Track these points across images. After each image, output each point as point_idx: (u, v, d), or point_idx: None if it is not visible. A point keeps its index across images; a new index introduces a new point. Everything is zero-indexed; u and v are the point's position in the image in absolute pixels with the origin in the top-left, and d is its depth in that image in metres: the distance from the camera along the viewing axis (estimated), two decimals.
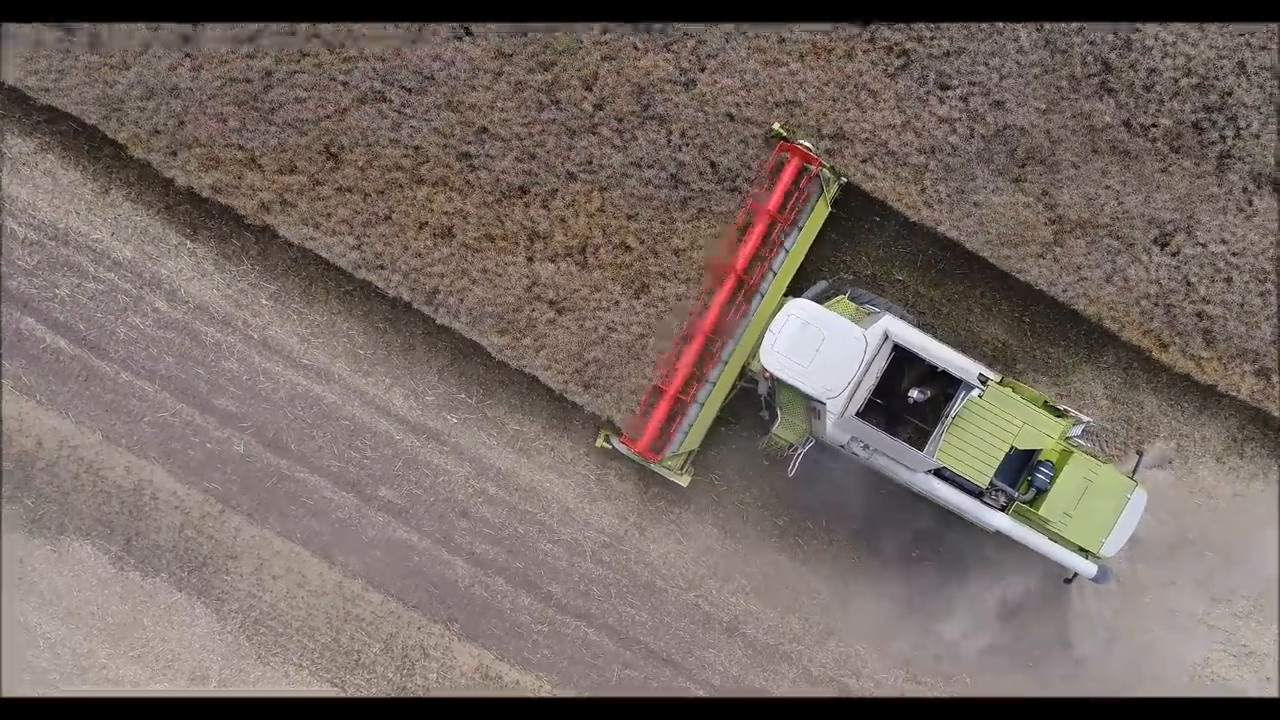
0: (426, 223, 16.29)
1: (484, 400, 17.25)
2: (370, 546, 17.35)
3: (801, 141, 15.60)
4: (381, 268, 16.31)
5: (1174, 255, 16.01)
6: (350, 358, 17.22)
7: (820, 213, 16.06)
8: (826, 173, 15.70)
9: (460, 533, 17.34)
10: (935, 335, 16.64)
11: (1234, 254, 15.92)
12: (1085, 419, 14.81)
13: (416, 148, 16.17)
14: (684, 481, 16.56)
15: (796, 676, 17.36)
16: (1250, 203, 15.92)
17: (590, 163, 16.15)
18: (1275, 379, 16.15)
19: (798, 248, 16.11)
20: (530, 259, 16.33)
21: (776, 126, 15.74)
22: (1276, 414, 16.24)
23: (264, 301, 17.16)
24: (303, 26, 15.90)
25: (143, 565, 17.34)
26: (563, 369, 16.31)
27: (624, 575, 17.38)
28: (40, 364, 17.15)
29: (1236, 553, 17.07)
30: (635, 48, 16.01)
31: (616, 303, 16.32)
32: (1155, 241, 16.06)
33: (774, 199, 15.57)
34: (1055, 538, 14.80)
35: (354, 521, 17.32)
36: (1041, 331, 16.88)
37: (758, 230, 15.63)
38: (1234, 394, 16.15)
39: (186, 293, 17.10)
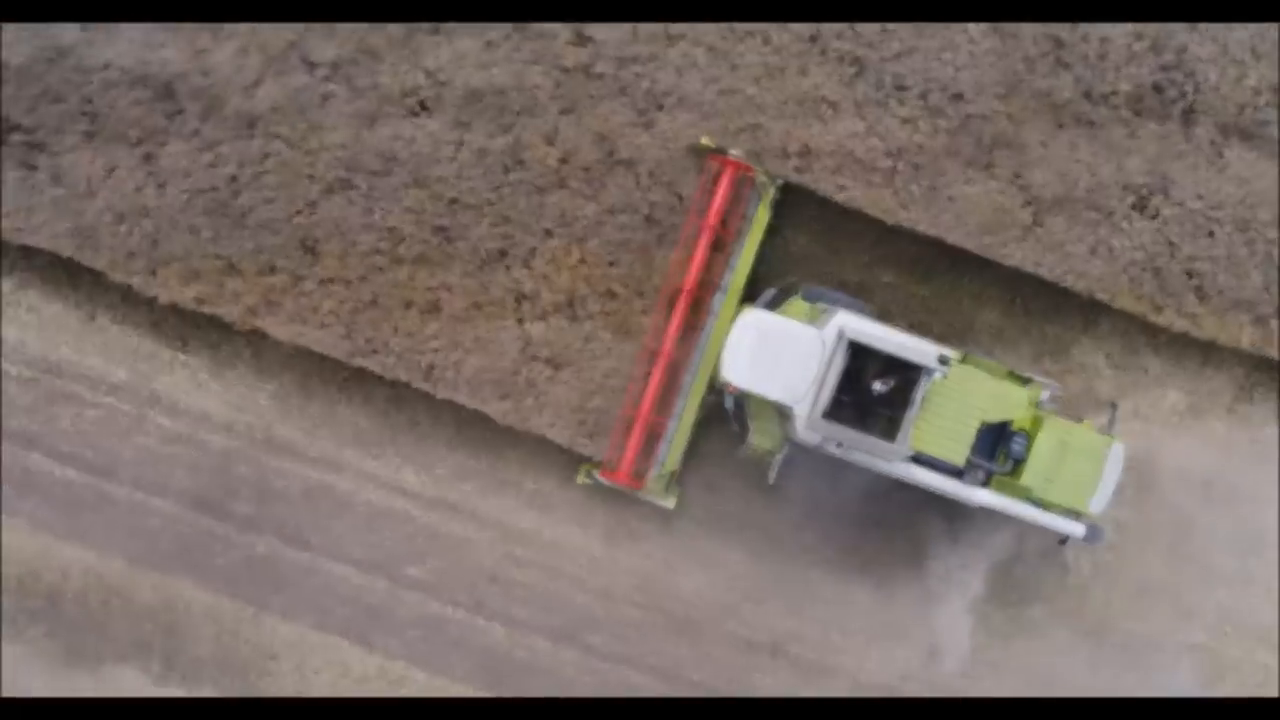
0: (412, 301, 16.33)
1: (495, 464, 17.29)
2: (406, 626, 17.39)
3: (731, 151, 15.67)
4: (375, 352, 16.35)
5: (1154, 218, 16.03)
6: (357, 443, 17.26)
7: (762, 218, 16.12)
8: (762, 178, 15.78)
9: (493, 598, 17.37)
10: (930, 330, 16.74)
11: (1212, 208, 15.95)
12: (1052, 384, 14.95)
13: (391, 229, 16.21)
14: (670, 504, 16.66)
15: (847, 688, 17.39)
16: (1220, 154, 15.94)
17: (564, 217, 16.19)
18: (1274, 324, 16.17)
19: (744, 256, 16.19)
20: (520, 320, 16.38)
21: (704, 140, 15.80)
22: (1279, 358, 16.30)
23: (263, 402, 17.20)
24: (260, 128, 15.97)
25: (185, 680, 17.35)
26: (568, 424, 16.35)
27: (660, 615, 17.41)
28: (53, 498, 17.19)
29: (1264, 498, 17.11)
30: (590, 96, 16.06)
31: (610, 349, 16.38)
32: (1134, 207, 16.07)
33: (713, 212, 15.71)
34: (1041, 504, 14.90)
35: (386, 604, 17.35)
36: (1035, 311, 16.90)
37: (702, 245, 15.79)
38: (1235, 345, 16.18)
39: (186, 405, 17.14)
